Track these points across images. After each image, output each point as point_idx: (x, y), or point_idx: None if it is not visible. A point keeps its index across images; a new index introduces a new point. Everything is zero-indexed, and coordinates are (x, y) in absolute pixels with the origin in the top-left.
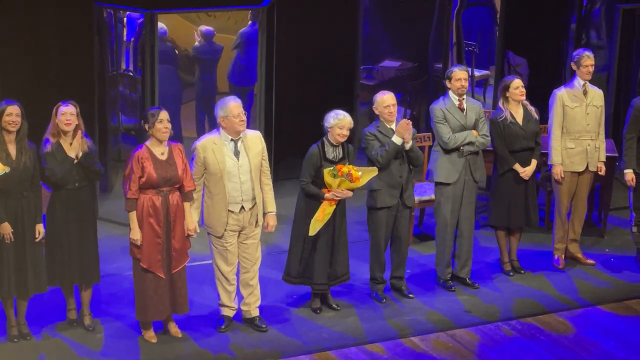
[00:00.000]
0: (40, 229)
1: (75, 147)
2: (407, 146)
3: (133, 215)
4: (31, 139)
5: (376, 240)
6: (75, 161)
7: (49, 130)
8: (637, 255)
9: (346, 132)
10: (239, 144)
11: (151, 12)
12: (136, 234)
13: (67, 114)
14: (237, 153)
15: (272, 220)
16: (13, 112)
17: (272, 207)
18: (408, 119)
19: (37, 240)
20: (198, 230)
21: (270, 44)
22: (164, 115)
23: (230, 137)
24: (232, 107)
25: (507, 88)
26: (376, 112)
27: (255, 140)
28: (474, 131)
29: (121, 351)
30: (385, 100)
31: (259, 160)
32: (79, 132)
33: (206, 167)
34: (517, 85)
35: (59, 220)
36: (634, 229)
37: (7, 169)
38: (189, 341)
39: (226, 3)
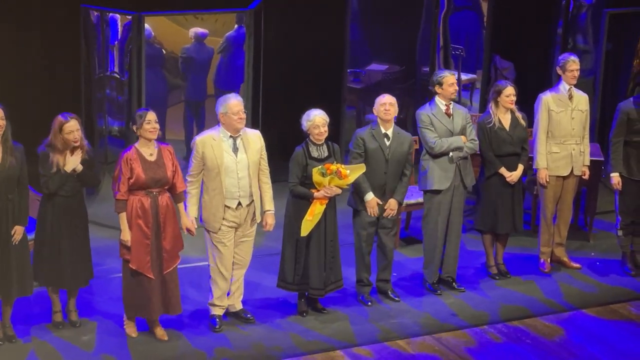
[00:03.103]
0: (19, 229)
1: (74, 160)
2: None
3: (123, 217)
4: (18, 140)
5: (360, 241)
6: (75, 173)
7: (50, 143)
8: (622, 259)
9: (322, 130)
10: (238, 140)
11: (138, 15)
12: (126, 235)
13: (75, 130)
14: (235, 149)
15: (270, 219)
16: None
17: (270, 205)
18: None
19: (15, 240)
20: (196, 226)
21: (257, 46)
22: (151, 116)
23: (229, 134)
24: (232, 104)
25: (499, 93)
26: (375, 112)
27: (254, 139)
28: (462, 137)
29: (109, 352)
30: (382, 99)
31: (258, 158)
32: (80, 147)
33: (204, 162)
34: (509, 93)
35: (49, 224)
36: (620, 233)
37: None
38: (181, 341)
39: (214, 6)
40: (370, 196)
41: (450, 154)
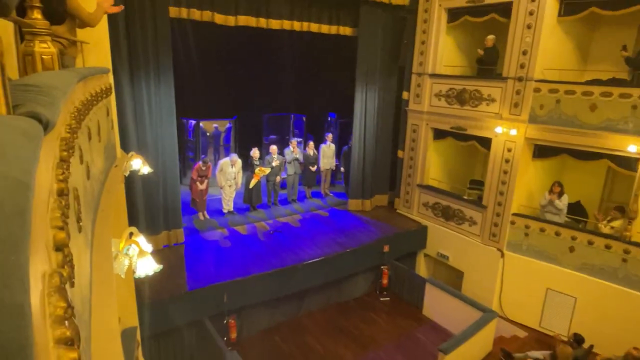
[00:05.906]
0: None
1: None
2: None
3: (204, 182)
4: None
5: (268, 188)
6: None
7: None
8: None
9: (257, 154)
10: (234, 165)
11: (198, 121)
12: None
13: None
14: (232, 167)
15: (238, 186)
16: None
17: (239, 182)
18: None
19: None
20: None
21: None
22: (207, 161)
23: (231, 163)
24: (228, 162)
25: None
26: (270, 151)
27: (238, 163)
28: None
29: (188, 216)
30: (272, 149)
31: (239, 169)
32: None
33: (220, 170)
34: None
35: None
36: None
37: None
38: (212, 219)
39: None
40: (267, 170)
41: (292, 161)
